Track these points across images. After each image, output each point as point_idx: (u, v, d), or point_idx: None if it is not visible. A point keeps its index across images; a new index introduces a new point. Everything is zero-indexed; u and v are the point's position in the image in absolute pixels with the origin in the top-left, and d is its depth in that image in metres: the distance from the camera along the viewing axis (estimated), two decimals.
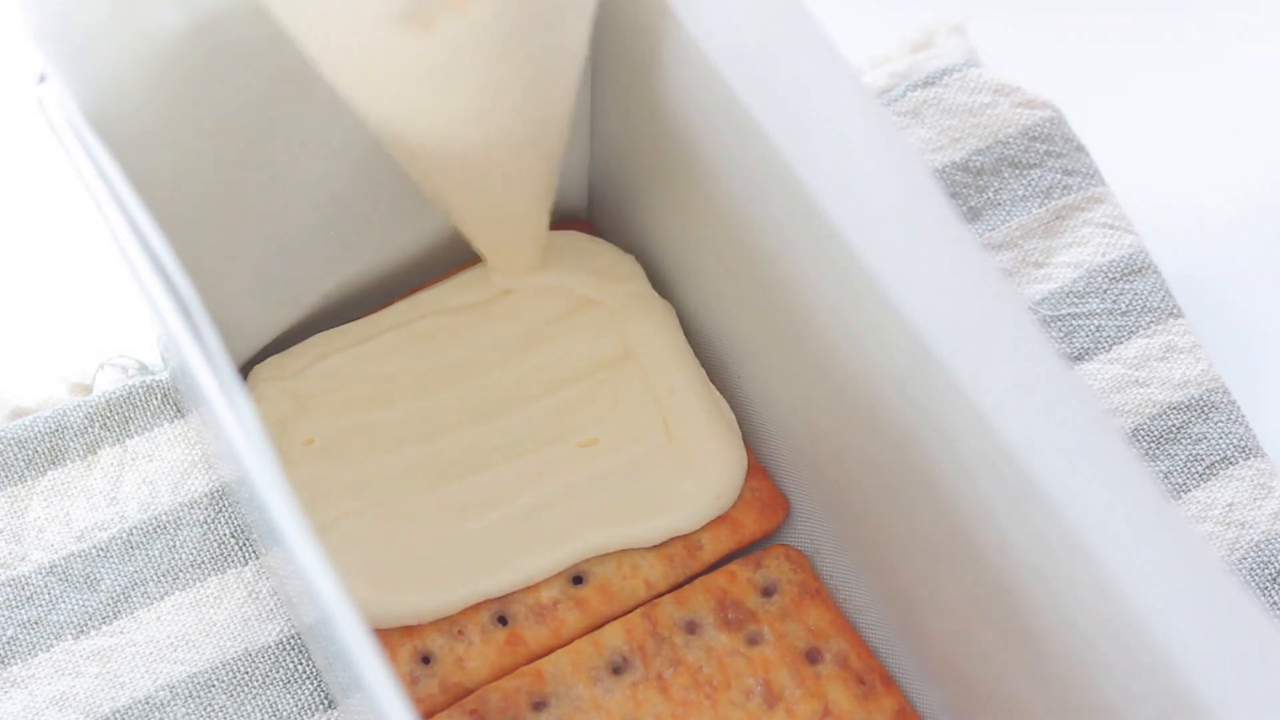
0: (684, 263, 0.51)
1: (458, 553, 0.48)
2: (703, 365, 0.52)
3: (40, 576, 0.49)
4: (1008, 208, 0.56)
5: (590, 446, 0.50)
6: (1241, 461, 0.52)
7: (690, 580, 0.50)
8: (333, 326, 0.52)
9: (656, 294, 0.52)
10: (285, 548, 0.36)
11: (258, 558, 0.50)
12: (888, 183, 0.38)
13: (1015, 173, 0.56)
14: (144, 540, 0.50)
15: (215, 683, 0.48)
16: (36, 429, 0.51)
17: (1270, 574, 0.51)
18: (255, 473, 0.36)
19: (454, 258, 0.53)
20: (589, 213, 0.55)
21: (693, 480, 0.49)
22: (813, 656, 0.48)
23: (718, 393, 0.51)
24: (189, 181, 0.44)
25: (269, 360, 0.51)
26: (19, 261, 0.56)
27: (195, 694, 0.48)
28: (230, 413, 0.37)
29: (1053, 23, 0.62)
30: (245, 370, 0.51)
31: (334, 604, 0.35)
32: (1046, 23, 0.62)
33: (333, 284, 0.51)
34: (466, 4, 0.39)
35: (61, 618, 0.49)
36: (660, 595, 0.49)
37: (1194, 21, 0.62)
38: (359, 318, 0.52)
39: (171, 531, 0.50)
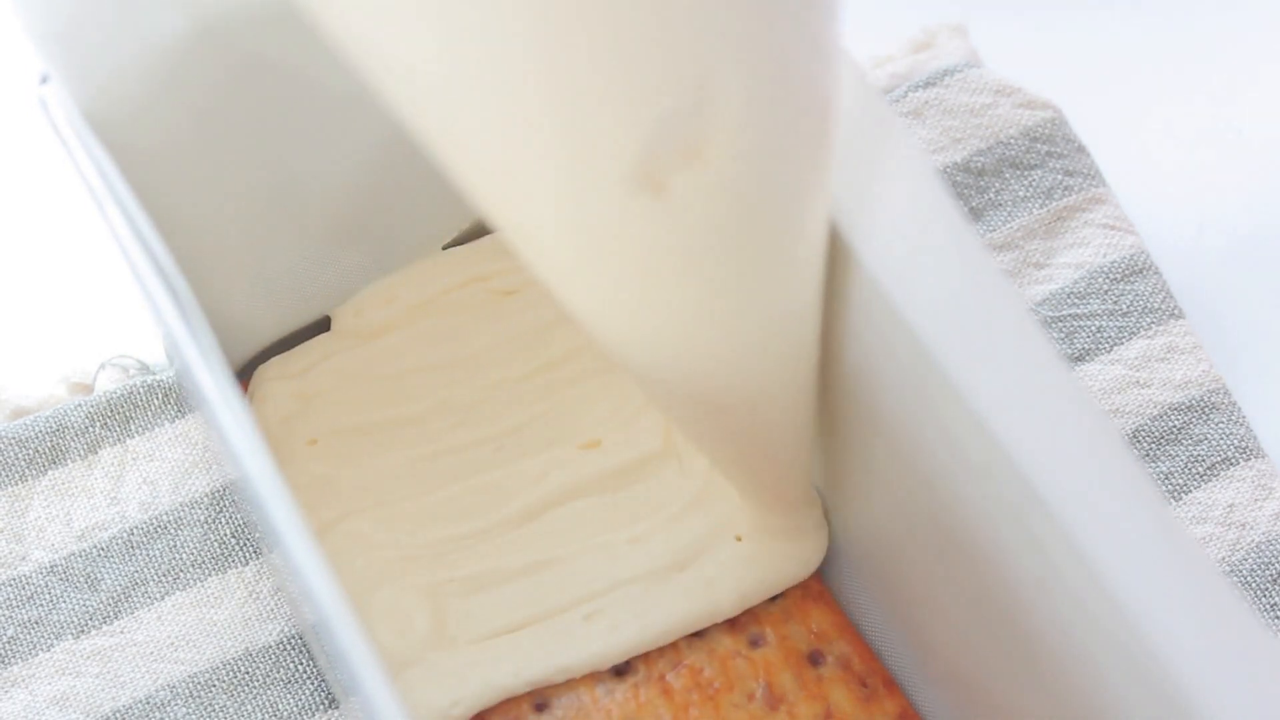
0: None
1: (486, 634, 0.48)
2: None
3: (41, 576, 0.49)
4: (1009, 208, 0.56)
5: (592, 449, 0.50)
6: (1242, 462, 0.52)
7: None
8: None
9: None
10: (284, 549, 0.36)
11: (259, 557, 0.50)
12: (891, 186, 0.38)
13: (1016, 173, 0.56)
14: (145, 540, 0.50)
15: (216, 683, 0.48)
16: (37, 428, 0.51)
17: (1271, 575, 0.50)
18: (254, 475, 0.36)
19: None
20: None
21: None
22: (815, 659, 0.48)
23: None
24: (191, 182, 0.44)
25: (274, 360, 0.51)
26: (19, 262, 0.56)
27: (196, 694, 0.48)
28: (228, 415, 0.37)
29: (1054, 23, 0.62)
30: (252, 368, 0.52)
31: (331, 607, 0.35)
32: (1048, 23, 0.62)
33: (339, 284, 0.51)
34: (700, 155, 0.32)
35: (62, 617, 0.49)
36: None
37: (1195, 21, 0.62)
38: None
39: (172, 531, 0.50)
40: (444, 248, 0.53)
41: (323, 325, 0.52)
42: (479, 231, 0.53)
